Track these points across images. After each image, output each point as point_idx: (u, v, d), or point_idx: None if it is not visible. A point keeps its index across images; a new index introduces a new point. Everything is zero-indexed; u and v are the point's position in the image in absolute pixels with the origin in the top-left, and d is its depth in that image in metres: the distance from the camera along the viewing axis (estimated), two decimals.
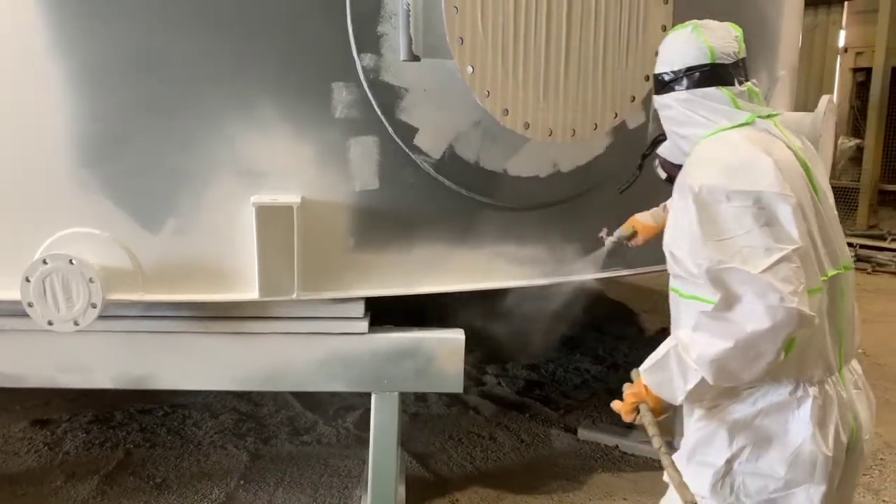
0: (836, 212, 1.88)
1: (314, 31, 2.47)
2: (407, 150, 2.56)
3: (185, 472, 3.48)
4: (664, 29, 2.71)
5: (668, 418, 1.97)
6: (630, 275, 3.27)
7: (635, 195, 3.10)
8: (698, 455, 1.84)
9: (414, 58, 2.38)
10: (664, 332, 3.32)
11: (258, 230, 2.41)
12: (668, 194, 2.09)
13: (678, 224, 1.76)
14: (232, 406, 4.21)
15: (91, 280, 2.36)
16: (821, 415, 1.75)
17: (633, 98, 2.73)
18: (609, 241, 2.83)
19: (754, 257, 1.62)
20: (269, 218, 2.41)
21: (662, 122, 2.01)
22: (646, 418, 1.84)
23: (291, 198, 2.44)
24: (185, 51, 2.41)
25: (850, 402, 1.82)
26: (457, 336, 2.69)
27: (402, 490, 3.11)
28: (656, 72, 1.96)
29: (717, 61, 1.86)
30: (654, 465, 3.64)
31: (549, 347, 5.24)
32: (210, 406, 4.20)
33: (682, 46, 1.90)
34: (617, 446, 3.82)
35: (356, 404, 4.13)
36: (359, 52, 2.47)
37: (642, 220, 2.66)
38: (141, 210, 2.49)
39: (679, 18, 2.79)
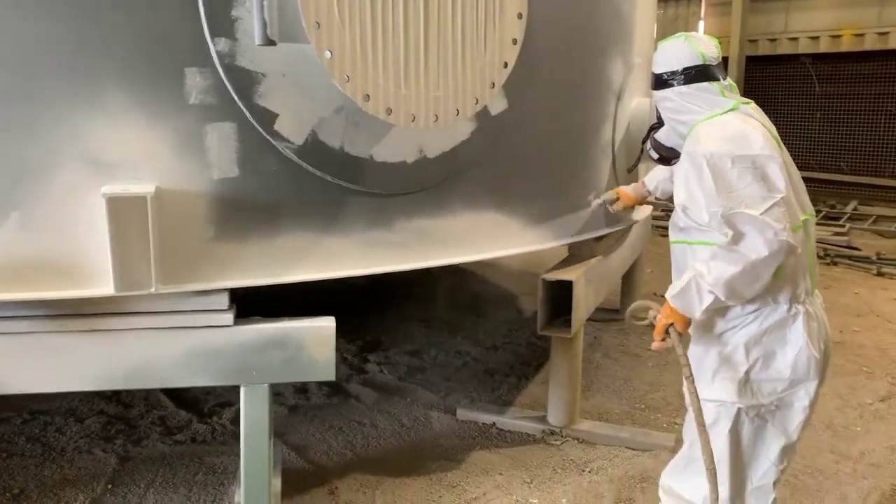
0: (798, 173, 2.35)
1: (163, 14, 2.36)
2: (267, 137, 2.51)
3: (46, 481, 3.30)
4: (520, 17, 2.79)
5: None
6: (497, 257, 3.35)
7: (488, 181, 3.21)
8: (721, 372, 2.29)
9: (269, 42, 2.32)
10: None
11: (110, 222, 2.30)
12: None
13: (690, 185, 2.22)
14: (99, 409, 4.02)
15: None
16: (809, 327, 2.25)
17: (493, 84, 2.79)
18: (595, 202, 3.55)
19: (754, 204, 2.10)
20: (121, 209, 2.30)
21: (661, 112, 2.51)
22: (675, 339, 2.30)
23: (145, 188, 2.34)
24: (21, 35, 2.25)
25: (822, 318, 2.34)
26: (327, 324, 2.67)
27: (277, 483, 3.07)
28: (656, 72, 2.45)
29: (707, 62, 2.37)
30: (530, 440, 3.78)
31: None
32: (75, 410, 3.99)
33: (678, 51, 2.40)
34: (494, 424, 3.93)
35: (233, 400, 4.04)
36: (212, 37, 2.39)
37: (625, 190, 3.44)
38: None
39: (534, 8, 2.89)
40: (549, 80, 3.29)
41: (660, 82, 2.44)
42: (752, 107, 2.39)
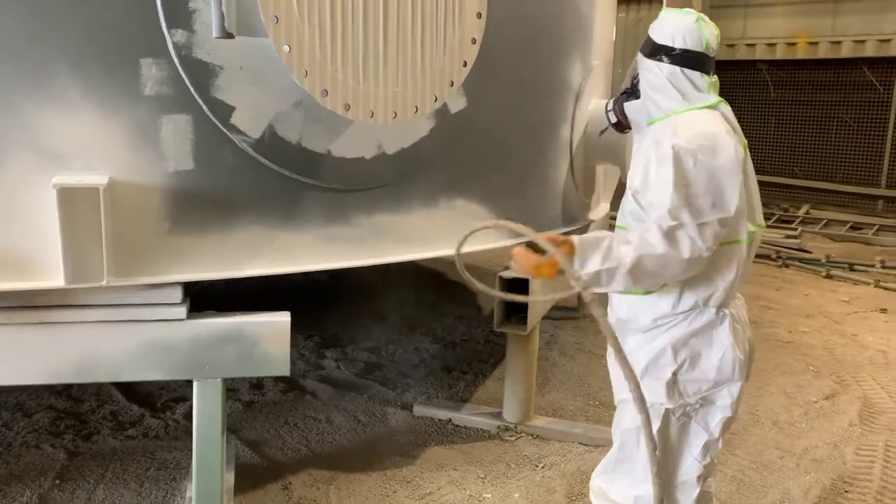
0: (756, 183, 2.32)
1: (119, 3, 2.33)
2: (224, 130, 2.49)
3: None
4: (479, 16, 2.81)
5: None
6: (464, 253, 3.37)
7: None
8: (650, 372, 2.26)
9: (227, 35, 2.31)
10: None
11: (61, 213, 2.26)
12: None
13: (648, 173, 2.17)
14: (48, 404, 3.94)
15: None
16: (734, 330, 2.25)
17: (452, 83, 2.81)
18: None
19: (697, 212, 2.08)
20: (73, 200, 2.26)
21: (641, 80, 2.32)
22: (560, 257, 1.92)
23: (98, 179, 2.31)
24: None
25: (744, 320, 2.34)
26: (281, 319, 2.66)
27: (230, 478, 3.05)
28: (657, 40, 2.25)
29: (707, 52, 2.23)
30: (485, 436, 3.82)
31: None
32: (23, 405, 3.92)
33: (686, 30, 2.22)
34: (450, 420, 3.95)
35: (187, 395, 4.00)
36: (169, 28, 2.37)
37: None
38: None
39: (493, 7, 2.91)
40: (509, 79, 3.33)
41: (654, 51, 2.26)
42: (727, 108, 2.30)
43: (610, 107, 2.57)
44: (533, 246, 2.06)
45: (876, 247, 9.27)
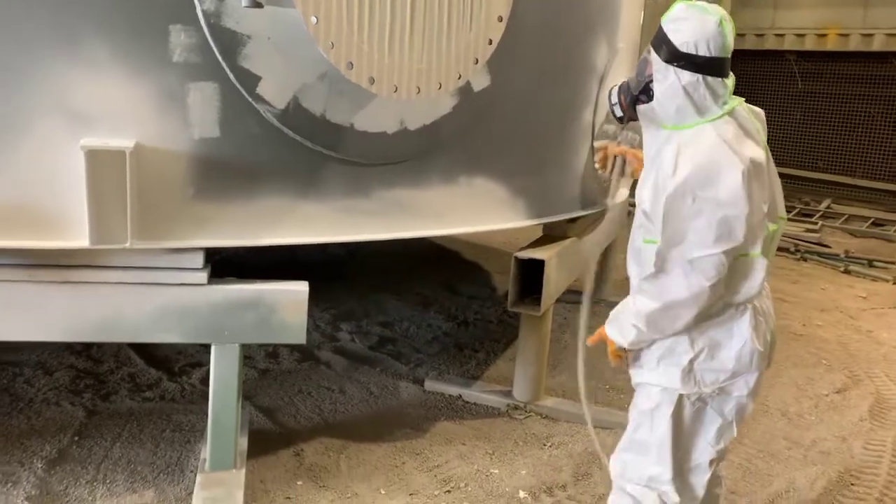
0: (777, 175, 2.27)
1: None
2: (249, 99, 2.52)
3: (13, 430, 3.32)
4: None
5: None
6: (472, 232, 3.40)
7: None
8: (666, 359, 2.27)
9: (256, 4, 2.34)
10: None
11: (88, 175, 2.32)
12: None
13: (657, 193, 2.08)
14: (69, 363, 4.03)
15: None
16: (755, 322, 2.23)
17: (477, 61, 2.82)
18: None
19: (694, 247, 2.06)
20: (100, 163, 2.31)
21: (655, 82, 2.15)
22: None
23: (124, 142, 2.36)
24: None
25: (768, 311, 2.32)
26: (300, 288, 2.71)
27: (243, 442, 3.11)
28: (678, 46, 2.06)
29: (727, 56, 2.09)
30: (494, 413, 3.86)
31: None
32: (44, 363, 4.00)
33: (710, 36, 2.05)
34: (460, 396, 3.99)
35: (204, 360, 4.07)
36: None
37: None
38: None
39: None
40: (533, 59, 3.32)
41: (673, 56, 2.07)
42: (743, 108, 2.19)
43: (615, 100, 2.41)
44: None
45: None
